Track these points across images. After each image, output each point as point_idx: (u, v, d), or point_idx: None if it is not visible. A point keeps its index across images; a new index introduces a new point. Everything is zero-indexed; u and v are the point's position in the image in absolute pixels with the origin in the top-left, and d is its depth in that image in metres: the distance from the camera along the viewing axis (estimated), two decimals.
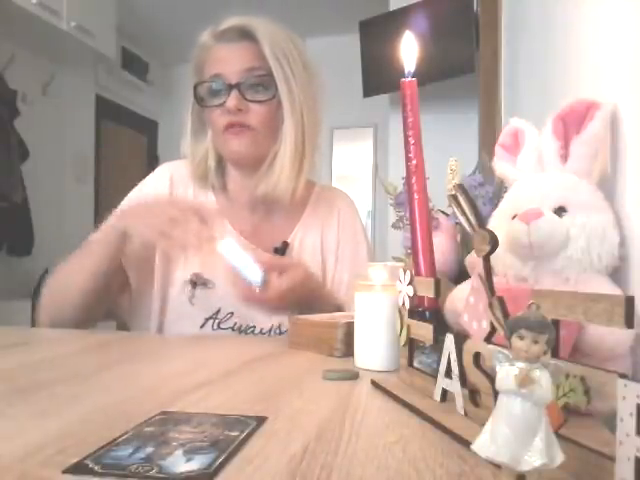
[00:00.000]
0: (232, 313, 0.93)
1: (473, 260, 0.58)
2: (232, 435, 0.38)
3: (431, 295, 0.48)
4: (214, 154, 1.00)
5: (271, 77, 0.93)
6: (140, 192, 1.03)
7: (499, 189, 0.65)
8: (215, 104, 0.93)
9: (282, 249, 1.00)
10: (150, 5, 3.54)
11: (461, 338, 0.42)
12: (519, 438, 0.26)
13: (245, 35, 0.93)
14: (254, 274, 0.80)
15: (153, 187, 1.02)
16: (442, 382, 0.44)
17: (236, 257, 0.80)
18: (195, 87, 0.95)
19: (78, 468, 0.32)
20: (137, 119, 4.32)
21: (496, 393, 0.28)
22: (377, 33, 2.49)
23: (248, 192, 0.99)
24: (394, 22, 2.40)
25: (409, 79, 0.52)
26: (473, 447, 0.28)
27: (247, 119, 0.92)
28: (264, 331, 0.95)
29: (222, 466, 0.32)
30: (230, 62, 0.93)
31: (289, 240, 1.02)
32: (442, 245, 0.64)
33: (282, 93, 0.93)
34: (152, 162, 4.35)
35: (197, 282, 0.96)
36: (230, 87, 0.91)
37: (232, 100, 0.90)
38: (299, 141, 0.95)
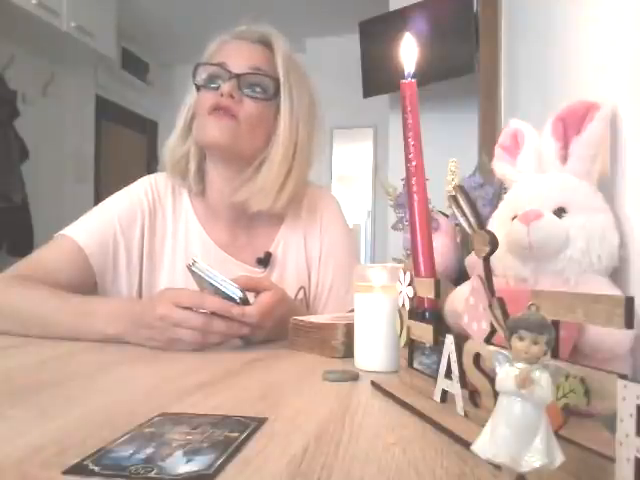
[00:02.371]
0: None
1: (473, 261, 0.58)
2: (232, 436, 0.38)
3: (431, 296, 0.48)
4: (196, 156, 0.98)
5: (272, 81, 0.93)
6: (116, 204, 0.98)
7: (499, 190, 0.65)
8: (210, 86, 0.93)
9: (265, 260, 0.99)
10: (150, 5, 3.54)
11: (461, 339, 0.42)
12: (519, 439, 0.26)
13: (261, 40, 0.96)
14: (232, 291, 0.72)
15: (129, 201, 0.98)
16: (442, 383, 0.45)
17: (211, 277, 0.72)
18: (196, 67, 0.95)
19: (78, 469, 0.32)
20: (137, 119, 4.31)
21: (496, 394, 0.28)
22: (377, 33, 2.49)
23: (227, 199, 0.97)
24: (394, 22, 2.40)
25: (409, 80, 0.52)
26: (473, 448, 0.28)
27: (236, 108, 0.90)
28: None
29: (222, 467, 0.32)
30: (238, 56, 0.93)
31: (271, 250, 1.00)
32: (442, 246, 0.64)
33: (284, 101, 0.93)
34: (152, 162, 4.34)
35: None
36: (230, 76, 0.91)
37: (228, 86, 0.90)
38: (289, 154, 0.94)
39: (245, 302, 0.73)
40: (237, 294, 0.72)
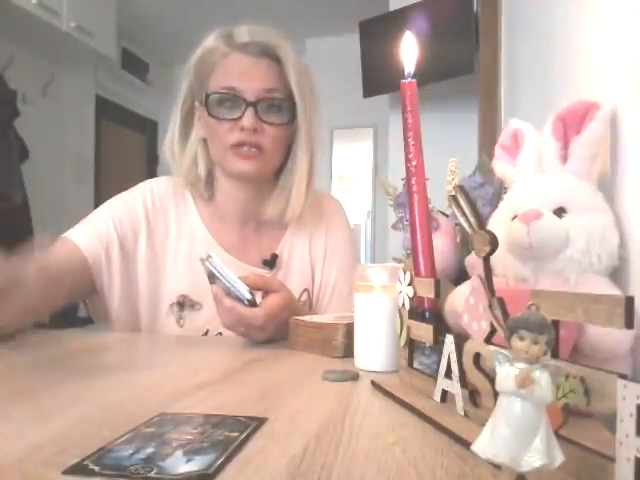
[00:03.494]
0: (220, 334, 0.91)
1: (473, 261, 0.58)
2: (232, 436, 0.38)
3: (431, 296, 0.48)
4: (205, 162, 0.97)
5: (287, 101, 0.92)
6: (112, 208, 0.97)
7: (499, 190, 0.65)
8: (227, 117, 0.89)
9: (271, 262, 0.99)
10: (150, 5, 3.54)
11: (461, 339, 0.42)
12: (519, 439, 0.26)
13: (266, 51, 0.91)
14: (241, 292, 0.74)
15: (125, 204, 0.97)
16: (442, 383, 0.45)
17: (223, 275, 0.74)
18: (207, 97, 0.90)
19: (78, 469, 0.32)
20: (137, 119, 4.32)
21: (496, 394, 0.28)
22: (377, 33, 2.49)
23: (240, 205, 0.98)
24: (394, 22, 2.40)
25: (409, 80, 0.52)
26: (473, 448, 0.28)
27: (260, 140, 0.89)
28: None
29: (222, 467, 0.32)
30: (249, 78, 0.90)
31: (277, 252, 1.01)
32: (442, 246, 0.64)
33: (301, 120, 0.93)
34: (152, 162, 4.35)
35: (185, 304, 0.94)
36: (246, 104, 0.88)
37: (249, 119, 0.87)
38: (310, 169, 0.96)
39: (253, 304, 0.75)
40: (246, 296, 0.74)
